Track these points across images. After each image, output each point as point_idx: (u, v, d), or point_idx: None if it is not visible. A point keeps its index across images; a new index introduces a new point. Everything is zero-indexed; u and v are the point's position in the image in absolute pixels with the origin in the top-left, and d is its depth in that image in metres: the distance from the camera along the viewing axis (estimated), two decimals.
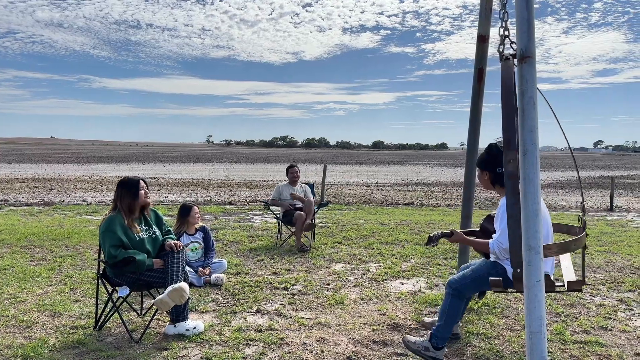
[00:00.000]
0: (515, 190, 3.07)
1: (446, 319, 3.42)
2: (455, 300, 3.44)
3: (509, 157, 3.08)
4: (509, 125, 3.18)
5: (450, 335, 3.48)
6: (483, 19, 4.27)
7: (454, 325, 3.50)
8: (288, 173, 7.60)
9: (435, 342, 3.41)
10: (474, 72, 4.43)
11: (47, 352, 3.42)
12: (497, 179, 3.49)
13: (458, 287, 3.45)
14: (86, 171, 29.73)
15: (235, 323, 4.05)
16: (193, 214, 5.56)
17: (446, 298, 3.49)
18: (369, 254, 6.79)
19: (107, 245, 3.70)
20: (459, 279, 3.47)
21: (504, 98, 3.28)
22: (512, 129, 3.21)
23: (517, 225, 2.99)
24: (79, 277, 5.27)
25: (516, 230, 2.97)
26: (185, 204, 5.75)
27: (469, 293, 3.53)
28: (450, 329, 3.45)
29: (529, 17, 2.73)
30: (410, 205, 14.10)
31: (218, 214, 10.76)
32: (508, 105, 3.25)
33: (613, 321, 4.25)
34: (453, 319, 3.44)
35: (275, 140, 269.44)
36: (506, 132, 3.17)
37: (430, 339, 3.43)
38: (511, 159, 3.08)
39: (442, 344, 3.41)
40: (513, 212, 2.99)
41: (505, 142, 3.17)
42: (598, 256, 6.87)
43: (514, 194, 3.03)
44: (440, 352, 3.40)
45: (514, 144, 3.16)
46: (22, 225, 8.42)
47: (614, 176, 16.53)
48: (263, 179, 25.60)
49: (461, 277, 3.48)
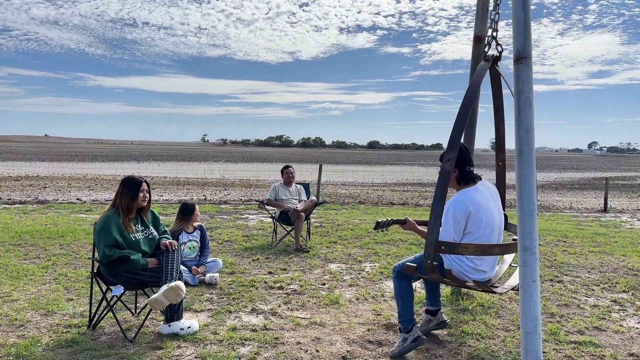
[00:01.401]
0: (443, 189, 3.13)
1: (402, 301, 3.61)
2: (400, 282, 3.65)
3: (449, 156, 3.12)
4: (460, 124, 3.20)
5: (413, 314, 3.59)
6: (479, 20, 4.29)
7: (412, 305, 3.62)
8: (283, 174, 7.59)
9: (404, 327, 3.54)
10: (470, 73, 4.44)
11: (40, 351, 3.40)
12: (462, 177, 3.50)
13: (399, 270, 3.66)
14: (80, 169, 29.59)
15: (230, 322, 4.04)
16: (197, 213, 5.59)
17: (394, 283, 3.71)
18: (365, 254, 6.79)
19: (101, 245, 3.67)
20: (400, 264, 3.69)
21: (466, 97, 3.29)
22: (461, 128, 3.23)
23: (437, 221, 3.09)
24: (73, 276, 5.24)
25: (434, 226, 3.08)
26: (187, 203, 5.74)
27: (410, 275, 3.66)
28: (410, 309, 3.59)
29: (526, 18, 2.74)
30: (405, 205, 14.12)
31: (213, 213, 10.74)
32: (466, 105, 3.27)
33: (607, 322, 4.27)
34: (407, 298, 3.61)
35: (270, 140, 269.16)
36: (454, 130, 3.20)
37: (400, 330, 3.56)
38: (450, 158, 3.13)
39: (410, 324, 3.54)
40: (437, 209, 3.05)
41: (450, 141, 3.20)
42: (592, 257, 6.90)
43: (442, 192, 3.09)
44: (413, 332, 3.51)
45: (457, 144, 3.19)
46: (15, 223, 8.37)
47: (608, 177, 16.61)
48: (258, 178, 25.56)
49: (402, 262, 3.68)
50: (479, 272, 3.44)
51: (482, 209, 3.38)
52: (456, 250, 3.20)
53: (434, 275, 3.27)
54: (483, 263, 3.46)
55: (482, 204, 3.40)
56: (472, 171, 3.53)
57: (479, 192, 3.46)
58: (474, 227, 3.36)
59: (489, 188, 3.59)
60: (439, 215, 3.09)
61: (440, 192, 3.10)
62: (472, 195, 3.41)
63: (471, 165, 3.53)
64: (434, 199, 3.14)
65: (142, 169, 33.23)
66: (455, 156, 3.11)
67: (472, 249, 3.18)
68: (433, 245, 3.09)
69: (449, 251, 3.23)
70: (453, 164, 3.12)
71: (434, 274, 3.23)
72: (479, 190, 3.47)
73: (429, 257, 3.12)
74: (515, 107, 2.66)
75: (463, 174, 3.49)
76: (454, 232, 3.33)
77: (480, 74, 3.32)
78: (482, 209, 3.38)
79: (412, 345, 3.47)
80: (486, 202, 3.44)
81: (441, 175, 3.18)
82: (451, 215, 3.33)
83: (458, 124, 3.16)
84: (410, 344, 3.46)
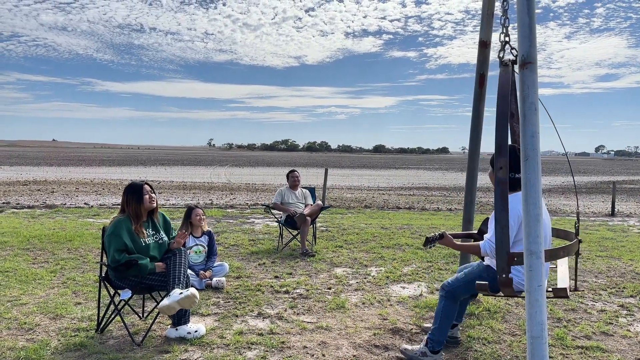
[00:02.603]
0: (503, 196, 3.08)
1: (440, 322, 3.47)
2: (448, 303, 3.49)
3: (500, 164, 3.10)
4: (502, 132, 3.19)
5: (445, 338, 3.50)
6: (485, 25, 4.30)
7: (449, 328, 3.53)
8: (288, 178, 7.62)
9: (431, 346, 3.44)
10: (475, 77, 4.45)
11: (49, 354, 3.43)
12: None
13: (451, 289, 3.50)
14: (88, 174, 29.78)
15: (237, 326, 4.05)
16: (194, 215, 5.58)
17: (440, 301, 3.54)
18: (370, 258, 6.79)
19: (111, 249, 3.70)
20: (452, 282, 3.53)
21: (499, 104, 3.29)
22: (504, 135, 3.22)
23: (505, 232, 3.03)
24: (81, 280, 5.28)
25: (503, 237, 3.01)
26: (189, 206, 5.81)
27: (462, 295, 3.58)
28: (445, 332, 3.48)
29: (530, 23, 2.75)
30: (411, 210, 14.10)
31: (219, 217, 10.78)
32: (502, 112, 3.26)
33: (614, 326, 4.25)
34: (447, 321, 3.48)
35: (276, 144, 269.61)
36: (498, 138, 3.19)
37: (427, 344, 3.47)
38: (502, 165, 3.10)
39: (439, 347, 3.44)
40: (500, 218, 3.01)
41: (497, 148, 3.18)
42: (600, 261, 6.86)
43: (503, 200, 3.06)
44: (437, 356, 3.42)
45: (505, 150, 3.17)
46: (24, 227, 8.44)
47: (615, 181, 16.52)
48: (264, 182, 25.62)
49: (454, 280, 3.54)
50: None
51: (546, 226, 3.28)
52: None
53: (509, 291, 3.13)
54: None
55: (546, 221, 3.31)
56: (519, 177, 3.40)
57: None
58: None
59: None
60: (505, 226, 3.00)
61: (502, 202, 3.03)
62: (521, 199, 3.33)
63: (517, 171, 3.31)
64: (496, 208, 3.05)
65: (149, 173, 33.39)
66: (507, 162, 3.05)
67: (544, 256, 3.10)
68: (506, 258, 2.98)
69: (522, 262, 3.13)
70: (507, 170, 3.06)
71: (510, 288, 3.08)
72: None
73: (502, 271, 2.98)
74: (521, 112, 2.67)
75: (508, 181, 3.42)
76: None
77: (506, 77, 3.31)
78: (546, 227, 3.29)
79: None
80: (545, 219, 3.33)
81: (497, 184, 3.11)
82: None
83: (500, 129, 3.13)
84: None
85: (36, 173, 29.38)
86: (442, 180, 32.92)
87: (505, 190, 3.07)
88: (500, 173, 3.08)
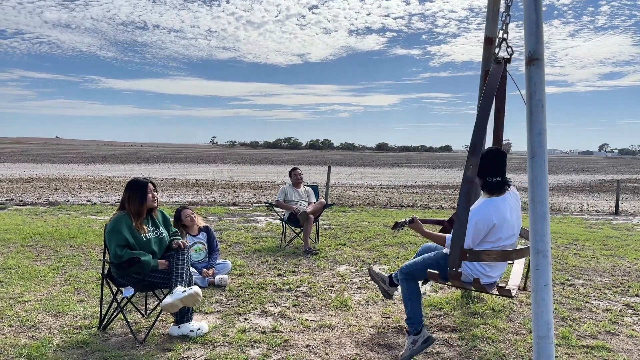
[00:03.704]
0: (467, 196, 3.09)
1: (411, 303, 3.58)
2: (410, 284, 3.63)
3: (470, 162, 3.08)
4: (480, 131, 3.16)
5: (421, 316, 3.57)
6: (490, 21, 4.26)
7: (420, 307, 3.61)
8: (291, 176, 7.59)
9: (413, 329, 3.52)
10: (480, 74, 4.42)
11: (51, 352, 3.42)
12: (485, 186, 3.46)
13: (409, 272, 3.64)
14: (91, 171, 29.81)
15: (240, 324, 4.04)
16: (184, 217, 5.45)
17: (402, 284, 3.67)
18: (374, 256, 6.77)
19: (113, 245, 3.68)
20: (410, 265, 3.67)
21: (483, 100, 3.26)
22: (481, 135, 3.20)
23: (462, 229, 3.06)
24: (83, 277, 5.27)
25: (459, 233, 3.04)
26: (177, 209, 5.56)
27: (420, 278, 3.68)
28: (418, 311, 3.56)
29: (537, 20, 2.71)
30: (414, 208, 14.06)
31: (222, 215, 10.76)
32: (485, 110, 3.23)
33: (620, 326, 4.22)
34: (416, 301, 3.59)
35: (279, 142, 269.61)
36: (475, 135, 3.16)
37: (409, 332, 3.54)
38: (472, 164, 3.08)
39: (419, 326, 3.52)
40: (462, 216, 3.01)
41: (471, 146, 3.15)
42: (604, 260, 6.82)
43: (466, 199, 3.05)
44: (422, 333, 3.50)
45: (479, 149, 3.15)
46: (27, 224, 8.44)
47: (619, 180, 16.43)
48: (267, 180, 25.60)
49: (412, 264, 3.68)
50: (488, 277, 3.44)
51: (506, 222, 3.34)
52: (480, 258, 3.19)
53: (457, 283, 3.24)
54: (494, 269, 3.45)
55: (507, 216, 3.35)
56: (498, 181, 3.37)
57: (505, 203, 3.36)
58: (494, 237, 3.33)
59: (515, 196, 3.52)
60: (464, 223, 3.04)
61: (465, 200, 3.04)
62: (498, 206, 3.33)
63: (495, 175, 3.36)
64: (458, 206, 3.09)
65: (152, 170, 33.41)
66: (477, 162, 3.06)
67: (494, 256, 3.16)
68: (459, 253, 3.06)
69: (474, 259, 3.19)
70: (476, 170, 3.05)
71: (458, 281, 3.19)
72: (506, 201, 3.38)
73: (454, 264, 3.08)
74: (527, 109, 2.63)
75: (484, 183, 3.41)
76: (472, 240, 3.31)
77: (495, 75, 3.30)
78: (506, 222, 3.34)
79: (423, 347, 3.45)
80: (510, 213, 3.38)
81: (463, 181, 3.12)
82: (474, 224, 3.27)
83: (478, 128, 3.13)
84: (421, 345, 3.44)
85: (39, 170, 29.43)
86: (445, 179, 32.85)
87: (470, 189, 3.10)
88: (469, 172, 3.08)
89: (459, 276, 3.12)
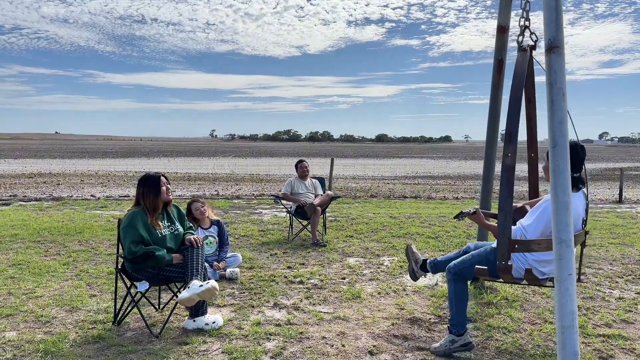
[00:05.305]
0: (509, 184, 3.04)
1: (457, 305, 3.47)
2: (458, 285, 3.49)
3: (508, 151, 3.04)
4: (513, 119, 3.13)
5: (466, 318, 3.49)
6: (503, 9, 4.21)
7: (466, 309, 3.52)
8: (297, 168, 7.56)
9: (456, 330, 3.44)
10: (494, 63, 4.38)
11: (68, 347, 3.42)
12: None
13: (457, 271, 3.50)
14: (92, 166, 29.78)
15: (254, 317, 4.03)
16: (194, 210, 5.47)
17: (449, 285, 3.54)
18: (382, 248, 6.76)
19: (127, 241, 3.67)
20: (458, 264, 3.52)
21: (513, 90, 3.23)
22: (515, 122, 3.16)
23: (508, 220, 2.98)
24: (94, 272, 5.26)
25: (506, 225, 2.97)
26: (188, 201, 5.65)
27: (469, 277, 3.56)
28: (464, 313, 3.48)
29: (557, 6, 2.68)
30: (417, 199, 14.05)
31: (226, 208, 10.76)
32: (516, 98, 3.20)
33: (634, 314, 4.21)
34: (463, 302, 3.48)
35: (278, 134, 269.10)
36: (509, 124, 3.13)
37: (451, 331, 3.45)
38: (510, 152, 3.05)
39: (463, 329, 3.44)
40: (505, 205, 2.96)
41: (507, 135, 3.13)
42: (613, 249, 6.82)
43: (508, 188, 3.01)
44: (464, 337, 3.42)
45: (515, 138, 3.12)
46: (33, 220, 8.43)
47: (622, 168, 16.41)
48: (268, 173, 25.58)
49: (460, 262, 3.53)
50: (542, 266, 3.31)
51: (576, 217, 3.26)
52: (530, 248, 3.06)
53: (508, 277, 3.12)
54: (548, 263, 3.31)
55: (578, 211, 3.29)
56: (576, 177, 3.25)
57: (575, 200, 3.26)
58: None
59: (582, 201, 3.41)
60: (508, 213, 2.95)
61: (507, 188, 2.98)
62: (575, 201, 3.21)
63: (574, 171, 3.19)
64: (500, 195, 3.02)
65: (153, 164, 33.38)
66: (515, 150, 3.01)
67: (544, 245, 3.04)
68: (507, 245, 2.95)
69: (524, 249, 3.07)
70: (514, 158, 3.00)
71: (508, 275, 3.08)
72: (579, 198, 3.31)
73: (502, 257, 2.96)
74: (548, 98, 2.61)
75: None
76: (542, 231, 3.17)
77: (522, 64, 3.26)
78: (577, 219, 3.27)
79: (461, 349, 3.38)
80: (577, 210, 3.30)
81: (503, 170, 3.06)
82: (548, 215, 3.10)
83: (511, 116, 3.09)
84: (460, 347, 3.37)
85: (40, 165, 29.40)
86: (446, 169, 32.83)
87: (511, 177, 3.04)
88: (508, 160, 3.04)
89: (509, 269, 2.99)
